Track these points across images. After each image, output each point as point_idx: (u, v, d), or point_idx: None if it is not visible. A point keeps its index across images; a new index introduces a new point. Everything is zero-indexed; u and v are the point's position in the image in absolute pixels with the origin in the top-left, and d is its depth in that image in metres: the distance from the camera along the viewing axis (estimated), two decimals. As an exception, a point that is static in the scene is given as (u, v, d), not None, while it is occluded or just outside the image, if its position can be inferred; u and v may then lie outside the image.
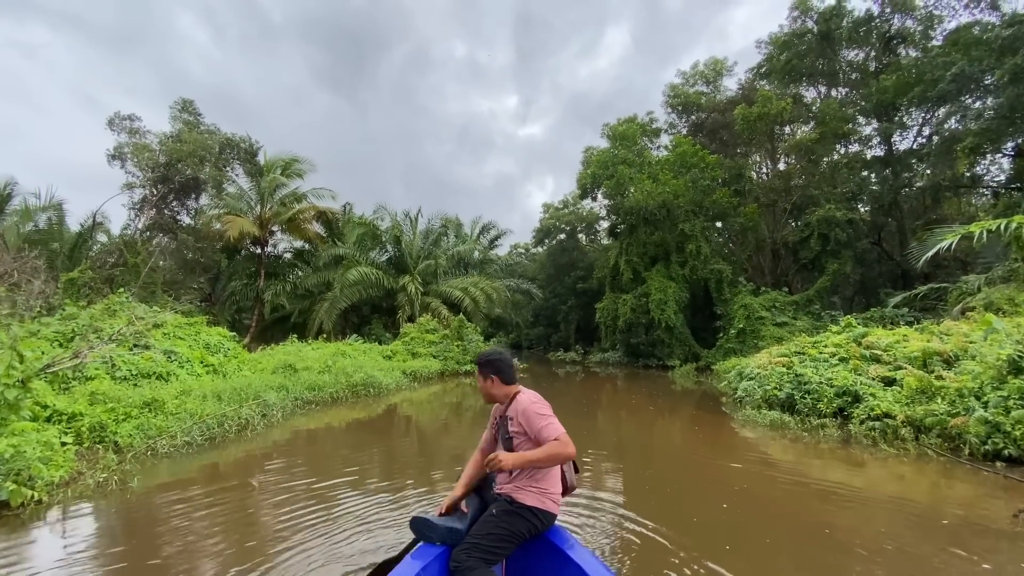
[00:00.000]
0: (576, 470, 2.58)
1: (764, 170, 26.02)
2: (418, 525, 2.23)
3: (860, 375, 7.26)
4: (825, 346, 8.60)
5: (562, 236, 39.02)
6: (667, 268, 20.54)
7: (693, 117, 28.39)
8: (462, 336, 18.55)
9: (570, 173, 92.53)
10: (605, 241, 37.72)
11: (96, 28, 74.51)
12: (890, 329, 9.87)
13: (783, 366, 8.38)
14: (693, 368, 17.52)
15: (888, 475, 5.05)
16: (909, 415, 6.00)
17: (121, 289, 12.94)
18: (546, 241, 40.52)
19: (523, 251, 47.22)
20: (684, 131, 27.09)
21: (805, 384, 7.60)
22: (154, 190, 20.42)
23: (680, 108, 28.81)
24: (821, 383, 7.35)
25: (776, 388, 7.92)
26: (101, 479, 4.24)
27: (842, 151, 24.71)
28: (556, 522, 2.38)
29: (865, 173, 24.44)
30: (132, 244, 19.35)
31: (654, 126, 28.54)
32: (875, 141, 24.69)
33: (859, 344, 8.07)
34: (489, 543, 2.13)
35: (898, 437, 5.93)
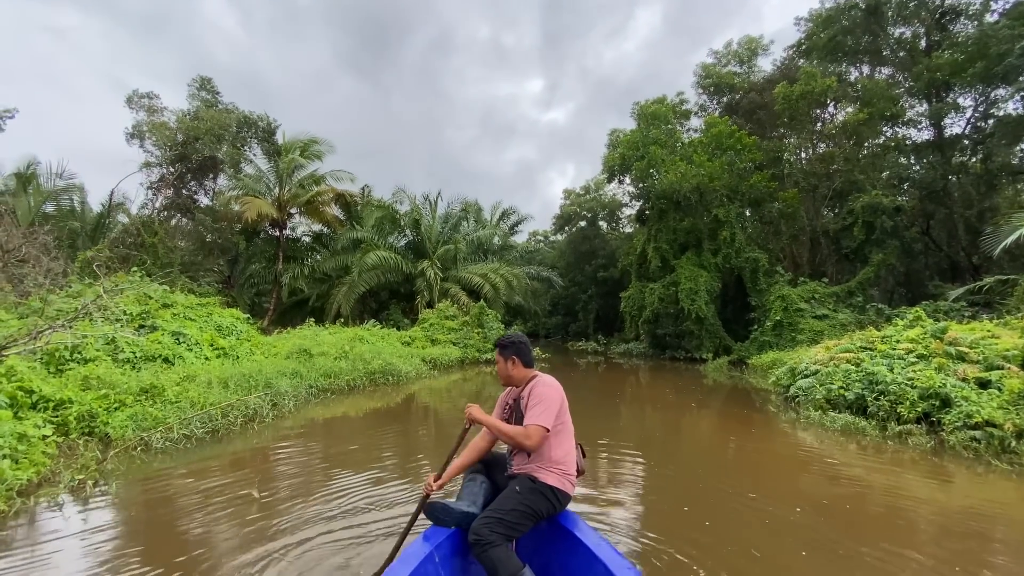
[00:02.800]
0: (584, 455, 2.62)
1: (803, 154, 24.61)
2: (434, 510, 2.23)
3: (947, 375, 6.33)
4: (897, 341, 7.65)
5: (583, 223, 37.92)
6: (698, 256, 19.49)
7: (726, 98, 27.03)
8: (482, 323, 17.91)
9: (592, 159, 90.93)
10: (628, 229, 36.58)
11: (126, 11, 74.83)
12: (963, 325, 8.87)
13: (849, 363, 7.48)
14: (726, 362, 16.59)
15: (998, 494, 4.21)
16: (1018, 424, 5.10)
17: (135, 268, 12.56)
18: (566, 228, 39.47)
19: (542, 238, 46.22)
20: (717, 113, 25.76)
21: (878, 384, 6.70)
22: (171, 169, 20.04)
23: (712, 89, 27.47)
24: (902, 384, 6.43)
25: (843, 388, 7.04)
26: (77, 481, 3.61)
27: (888, 134, 23.20)
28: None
29: (906, 159, 22.98)
30: (149, 224, 19.05)
31: (684, 107, 27.25)
32: (924, 124, 23.17)
33: (940, 340, 7.12)
34: (513, 519, 2.09)
35: (1007, 450, 5.05)
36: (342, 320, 18.07)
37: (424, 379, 11.56)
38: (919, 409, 6.10)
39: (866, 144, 22.61)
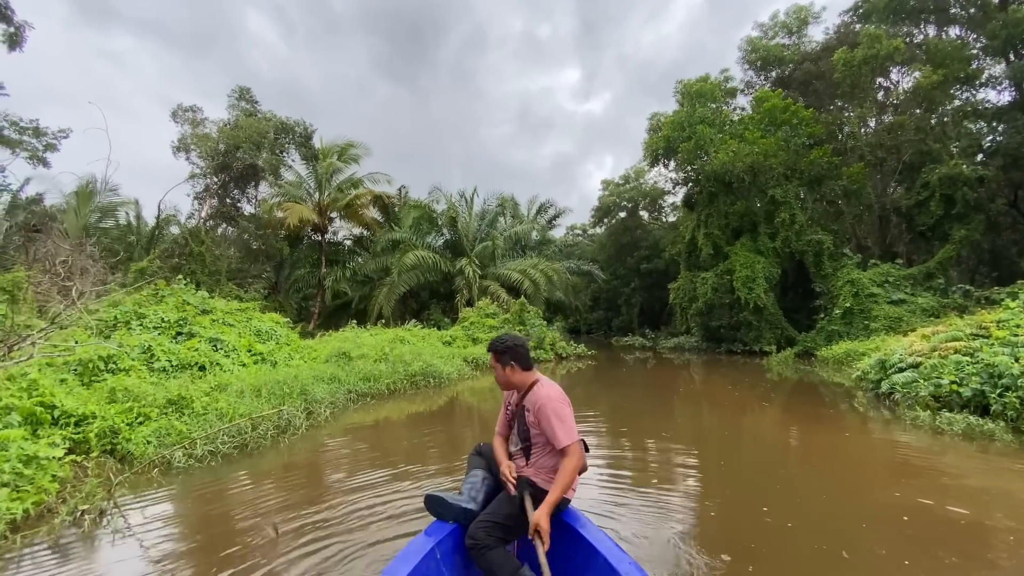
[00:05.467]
0: (587, 449, 2.42)
1: (864, 126, 22.59)
2: (433, 503, 2.22)
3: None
4: (1017, 325, 6.48)
5: (623, 214, 36.53)
6: (754, 241, 18.11)
7: (775, 72, 25.25)
8: (523, 320, 17.31)
9: (631, 149, 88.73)
10: (671, 217, 34.98)
11: (175, 33, 79.13)
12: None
13: (960, 352, 6.37)
14: (792, 355, 15.28)
15: None
16: None
17: (180, 276, 12.69)
18: (605, 220, 38.11)
19: (580, 232, 45.05)
20: (766, 88, 24.08)
21: (1002, 377, 5.61)
22: (215, 179, 20.51)
23: (759, 64, 25.72)
24: (1037, 376, 5.34)
25: (956, 383, 5.97)
26: (80, 512, 3.19)
27: (963, 98, 20.94)
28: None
29: (985, 124, 20.66)
30: (196, 233, 19.55)
31: (729, 86, 25.62)
32: (1004, 85, 20.78)
33: (1078, 323, 5.94)
34: (510, 523, 2.09)
35: None
36: (383, 321, 17.95)
37: (467, 380, 11.06)
38: (1061, 407, 5.01)
39: (937, 111, 20.49)
